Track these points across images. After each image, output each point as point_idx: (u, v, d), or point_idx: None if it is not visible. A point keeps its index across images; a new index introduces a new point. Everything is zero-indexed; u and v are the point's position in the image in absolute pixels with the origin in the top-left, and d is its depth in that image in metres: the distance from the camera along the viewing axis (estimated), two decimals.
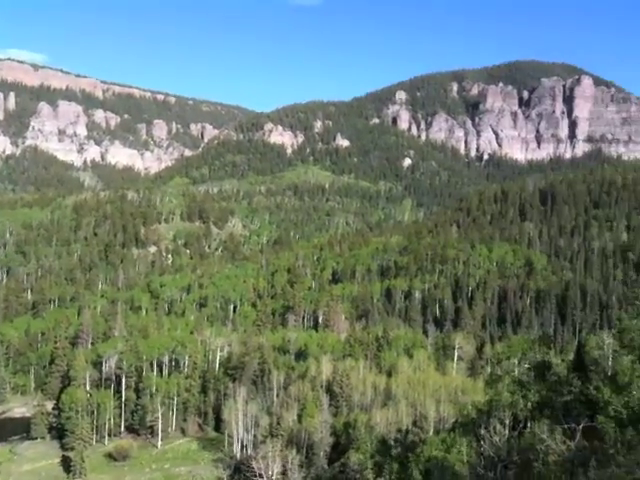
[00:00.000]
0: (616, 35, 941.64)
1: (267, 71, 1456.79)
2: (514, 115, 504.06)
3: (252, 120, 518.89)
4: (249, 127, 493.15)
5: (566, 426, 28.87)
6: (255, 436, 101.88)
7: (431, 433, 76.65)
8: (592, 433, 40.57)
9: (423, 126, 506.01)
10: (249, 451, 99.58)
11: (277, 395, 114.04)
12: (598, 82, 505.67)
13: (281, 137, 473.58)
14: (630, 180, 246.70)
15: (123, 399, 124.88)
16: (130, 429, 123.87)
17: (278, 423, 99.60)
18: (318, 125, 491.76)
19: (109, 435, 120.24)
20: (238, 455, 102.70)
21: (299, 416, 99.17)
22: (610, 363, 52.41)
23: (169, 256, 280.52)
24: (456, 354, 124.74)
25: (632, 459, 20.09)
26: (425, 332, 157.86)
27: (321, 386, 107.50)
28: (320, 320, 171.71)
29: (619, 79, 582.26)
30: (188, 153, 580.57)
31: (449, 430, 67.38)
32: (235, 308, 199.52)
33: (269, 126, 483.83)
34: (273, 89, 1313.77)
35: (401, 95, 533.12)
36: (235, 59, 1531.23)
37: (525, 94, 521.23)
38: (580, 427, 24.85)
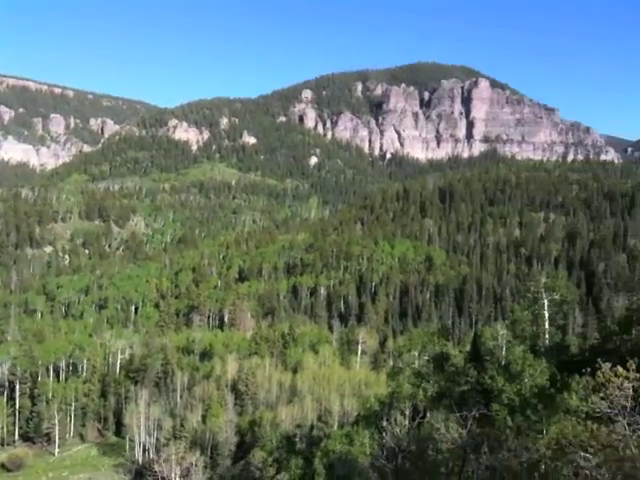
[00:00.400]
0: (511, 39, 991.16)
1: (171, 66, 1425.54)
2: (415, 115, 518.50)
3: (155, 116, 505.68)
4: (152, 123, 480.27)
5: (458, 414, 29.67)
6: (158, 439, 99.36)
7: (335, 427, 77.40)
8: (487, 421, 42.15)
9: (329, 125, 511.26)
10: (151, 455, 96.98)
11: (181, 396, 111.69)
12: (494, 84, 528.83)
13: (186, 133, 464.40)
14: (523, 179, 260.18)
15: (17, 406, 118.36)
16: (25, 437, 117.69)
17: (182, 425, 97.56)
18: (224, 122, 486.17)
19: (2, 445, 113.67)
20: (140, 459, 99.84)
21: (203, 417, 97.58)
22: (504, 353, 54.65)
23: (66, 256, 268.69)
24: (360, 348, 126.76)
25: (520, 443, 20.80)
26: (330, 328, 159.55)
27: (226, 385, 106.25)
28: (226, 319, 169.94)
29: (514, 82, 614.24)
30: (87, 149, 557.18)
31: (352, 423, 68.23)
32: (137, 309, 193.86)
33: (173, 122, 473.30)
34: (177, 84, 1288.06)
35: (307, 94, 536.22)
36: (138, 53, 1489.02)
37: (426, 95, 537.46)
38: (471, 415, 25.54)
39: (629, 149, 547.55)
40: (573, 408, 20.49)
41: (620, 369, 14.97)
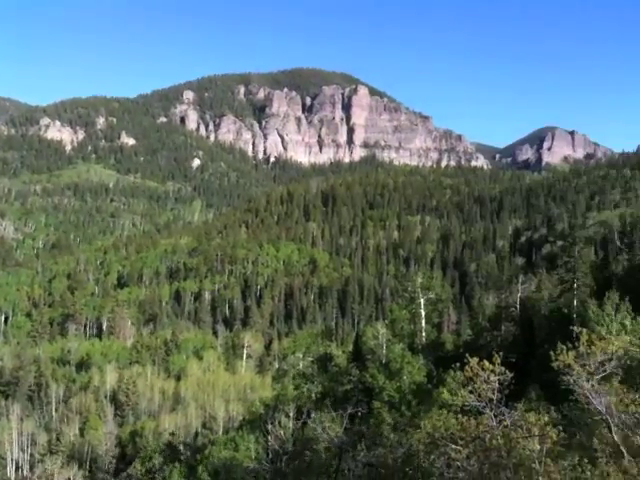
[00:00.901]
0: (389, 49, 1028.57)
1: (43, 62, 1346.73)
2: (298, 120, 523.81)
3: (26, 114, 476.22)
4: (22, 121, 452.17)
5: (334, 413, 30.57)
6: (32, 455, 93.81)
7: (220, 433, 76.73)
8: (368, 418, 43.60)
9: (212, 127, 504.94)
10: (25, 472, 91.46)
11: (56, 410, 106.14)
12: (373, 92, 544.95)
13: (59, 133, 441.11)
14: (400, 183, 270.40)
15: None
16: None
17: (58, 439, 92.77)
18: (101, 121, 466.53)
19: None
20: (13, 477, 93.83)
21: (81, 430, 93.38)
22: (384, 351, 56.58)
23: None
24: (245, 352, 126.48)
25: (395, 439, 21.75)
26: (215, 333, 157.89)
27: (105, 396, 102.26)
28: (104, 327, 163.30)
29: (391, 90, 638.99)
30: None
31: (237, 428, 68.00)
32: (7, 319, 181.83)
33: (45, 121, 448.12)
34: (50, 81, 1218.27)
35: (189, 95, 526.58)
36: (5, 47, 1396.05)
37: (308, 100, 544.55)
38: (346, 413, 26.47)
39: (497, 156, 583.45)
40: (447, 402, 21.84)
41: (486, 363, 16.19)
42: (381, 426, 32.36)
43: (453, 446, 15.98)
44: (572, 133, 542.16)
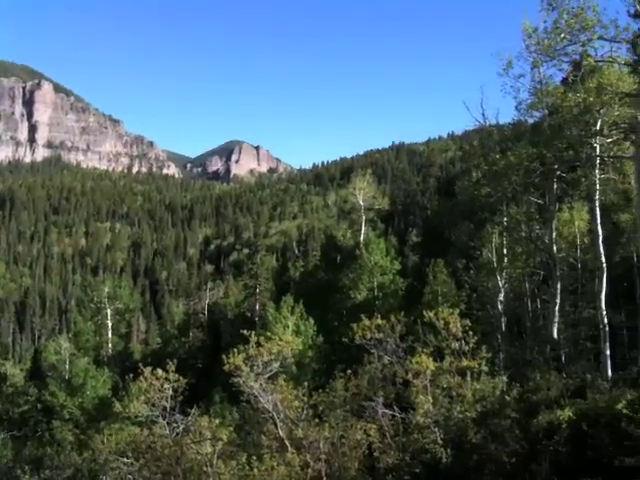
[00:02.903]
0: (75, 42, 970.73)
1: None
2: None
3: None
4: None
5: (8, 435, 28.46)
6: None
7: None
8: (47, 439, 40.95)
9: None
10: None
11: None
12: (58, 89, 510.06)
13: None
14: (89, 188, 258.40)
15: None
16: None
17: None
18: None
19: None
20: None
21: None
22: (67, 367, 53.53)
23: None
24: None
25: (63, 460, 20.88)
26: None
27: None
28: None
29: (78, 89, 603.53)
30: None
31: None
32: None
33: None
34: None
35: None
36: None
37: None
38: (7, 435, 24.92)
39: (188, 165, 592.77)
40: (128, 415, 21.74)
41: (160, 372, 16.64)
42: (59, 446, 30.79)
43: (125, 460, 16.07)
44: (257, 148, 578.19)
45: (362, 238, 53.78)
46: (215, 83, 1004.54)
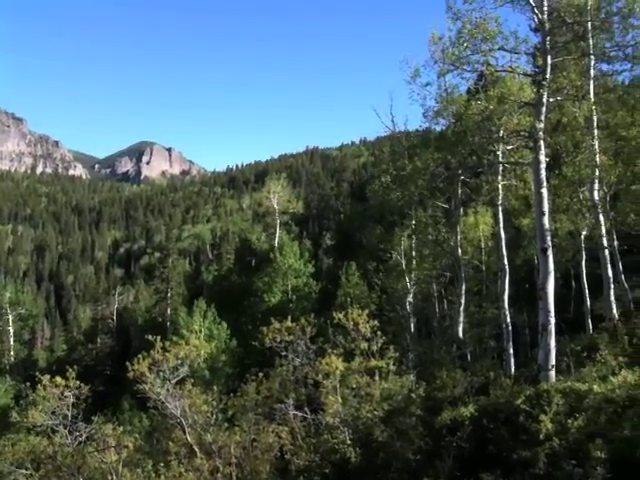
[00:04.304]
0: None
1: None
2: None
3: None
4: None
5: None
6: None
7: None
8: None
9: None
10: None
11: None
12: None
13: None
14: None
15: None
16: None
17: None
18: None
19: None
20: None
21: None
22: None
23: None
24: None
25: None
26: None
27: None
28: None
29: None
30: None
31: None
32: None
33: None
34: None
35: None
36: None
37: None
38: None
39: (97, 166, 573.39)
40: (32, 424, 20.69)
41: (59, 379, 16.00)
42: None
43: (24, 471, 15.38)
44: (169, 150, 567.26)
45: (277, 241, 53.86)
46: (125, 83, 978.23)
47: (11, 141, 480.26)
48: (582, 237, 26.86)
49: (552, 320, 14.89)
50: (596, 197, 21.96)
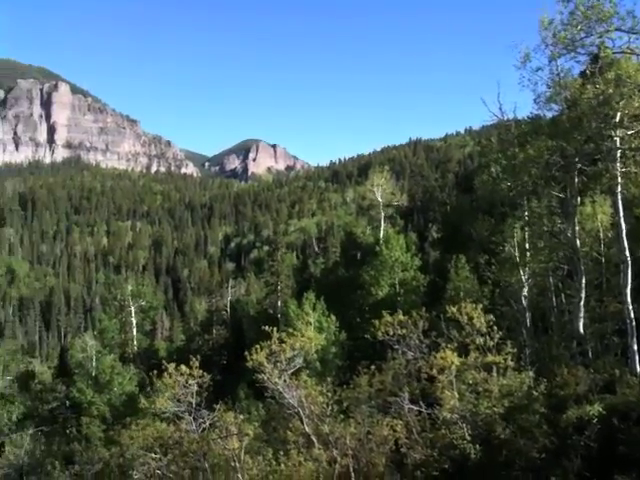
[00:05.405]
0: (89, 44, 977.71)
1: None
2: None
3: None
4: None
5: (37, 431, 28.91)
6: None
7: None
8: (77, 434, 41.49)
9: None
10: None
11: None
12: (75, 90, 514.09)
13: None
14: (109, 187, 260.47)
15: None
16: None
17: None
18: None
19: None
20: None
21: None
22: (94, 364, 54.20)
23: None
24: None
25: (90, 455, 21.12)
26: None
27: None
28: None
29: (94, 90, 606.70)
30: None
31: None
32: None
33: None
34: None
35: None
36: None
37: (1, 93, 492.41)
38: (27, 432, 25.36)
39: (206, 164, 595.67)
40: (155, 411, 22.00)
41: (184, 368, 16.78)
42: (88, 442, 31.19)
43: (153, 455, 16.24)
44: (274, 146, 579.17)
45: (382, 234, 53.64)
46: (231, 83, 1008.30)
47: (127, 142, 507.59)
48: None
49: None
50: None
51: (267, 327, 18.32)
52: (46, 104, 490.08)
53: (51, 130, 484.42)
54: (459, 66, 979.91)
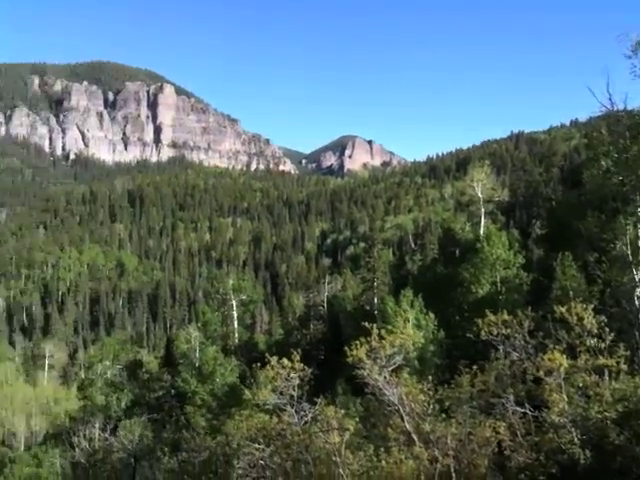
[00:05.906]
0: (191, 46, 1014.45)
1: None
2: (100, 115, 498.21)
3: None
4: None
5: (145, 419, 30.29)
6: None
7: (22, 450, 71.21)
8: (182, 423, 43.36)
9: (2, 119, 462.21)
10: None
11: None
12: (179, 91, 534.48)
13: None
14: (211, 185, 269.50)
15: None
16: None
17: None
18: None
19: None
20: None
21: None
22: (197, 355, 56.37)
23: None
24: (47, 363, 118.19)
25: (197, 443, 21.83)
26: (12, 343, 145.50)
27: None
28: None
29: (197, 91, 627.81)
30: None
31: (41, 443, 63.61)
32: None
33: None
34: None
35: None
36: None
37: (110, 95, 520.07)
38: (134, 420, 26.50)
39: (303, 161, 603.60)
40: (257, 403, 22.65)
41: (285, 361, 17.09)
42: (193, 430, 32.50)
43: (256, 445, 16.66)
44: (370, 142, 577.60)
45: (482, 231, 52.34)
46: (328, 81, 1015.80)
47: (227, 140, 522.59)
48: None
49: None
50: None
51: (368, 324, 18.33)
52: (152, 105, 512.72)
53: (157, 130, 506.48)
54: (563, 56, 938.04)
